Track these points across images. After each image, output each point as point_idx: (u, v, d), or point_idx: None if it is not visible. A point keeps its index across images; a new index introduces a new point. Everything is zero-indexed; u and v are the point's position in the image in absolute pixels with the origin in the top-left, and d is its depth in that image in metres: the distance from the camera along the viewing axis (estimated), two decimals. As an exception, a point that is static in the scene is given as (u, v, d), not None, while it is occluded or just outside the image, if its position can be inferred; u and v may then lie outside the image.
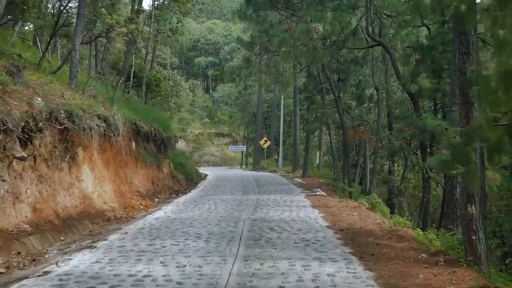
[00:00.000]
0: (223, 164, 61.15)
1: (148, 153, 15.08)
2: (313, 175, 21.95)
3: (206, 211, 10.26)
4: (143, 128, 14.63)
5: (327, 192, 15.23)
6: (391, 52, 15.86)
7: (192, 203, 11.96)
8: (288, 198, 12.78)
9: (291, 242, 6.73)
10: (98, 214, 9.58)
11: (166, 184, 15.66)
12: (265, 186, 16.95)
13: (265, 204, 11.56)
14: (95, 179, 10.33)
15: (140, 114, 15.15)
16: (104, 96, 13.75)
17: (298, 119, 29.50)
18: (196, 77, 79.32)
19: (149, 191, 13.92)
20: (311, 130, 20.70)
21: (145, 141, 15.27)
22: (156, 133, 15.86)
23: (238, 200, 12.40)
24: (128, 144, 13.43)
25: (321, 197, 13.31)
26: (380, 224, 8.35)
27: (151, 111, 16.96)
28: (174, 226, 8.25)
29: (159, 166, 15.91)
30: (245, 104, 51.69)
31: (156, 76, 24.80)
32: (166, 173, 16.67)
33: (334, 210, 10.24)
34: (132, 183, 12.93)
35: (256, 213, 9.92)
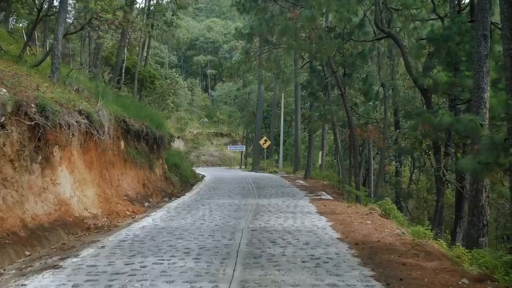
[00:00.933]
0: (222, 164, 60.08)
1: (139, 153, 13.94)
2: (316, 177, 20.80)
3: (200, 219, 9.10)
4: (133, 126, 13.49)
5: (333, 195, 14.08)
6: (401, 45, 14.72)
7: (185, 208, 10.80)
8: (291, 203, 11.63)
9: (298, 260, 5.58)
10: (76, 223, 8.42)
11: (159, 186, 14.51)
12: (265, 189, 15.80)
13: (265, 210, 10.41)
14: (74, 182, 9.17)
15: (130, 111, 14.01)
16: (92, 92, 12.65)
17: (300, 117, 28.36)
18: (195, 76, 78.21)
19: (139, 195, 12.77)
20: (314, 129, 19.55)
21: (136, 140, 14.13)
22: (148, 131, 14.72)
23: (236, 205, 11.25)
24: (116, 143, 12.28)
25: (327, 201, 12.15)
26: (400, 236, 7.20)
27: (143, 108, 15.81)
28: (161, 238, 7.09)
29: (151, 167, 14.76)
30: (244, 103, 50.56)
31: (151, 73, 23.63)
32: (159, 174, 15.51)
33: (343, 217, 9.08)
34: (119, 186, 11.78)
35: (255, 221, 8.77)
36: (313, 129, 19.29)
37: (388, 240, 6.81)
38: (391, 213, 9.78)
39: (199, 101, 70.54)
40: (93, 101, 11.49)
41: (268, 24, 13.89)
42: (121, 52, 21.25)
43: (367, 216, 9.12)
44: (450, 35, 12.38)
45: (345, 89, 13.81)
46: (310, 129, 19.56)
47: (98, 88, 13.48)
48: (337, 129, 17.25)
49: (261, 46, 16.68)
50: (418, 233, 7.90)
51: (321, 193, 14.34)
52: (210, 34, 79.98)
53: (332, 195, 14.15)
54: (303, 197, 13.18)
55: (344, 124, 16.71)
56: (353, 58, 15.69)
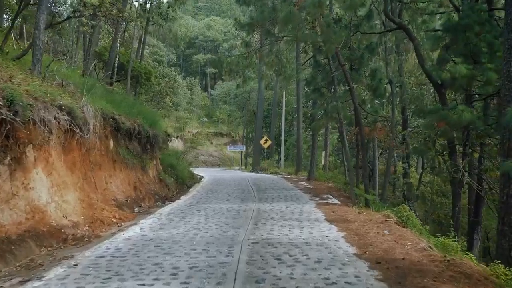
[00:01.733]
0: (221, 164, 59.12)
1: (130, 153, 12.88)
2: (320, 178, 19.73)
3: (194, 228, 8.04)
4: (124, 123, 12.43)
5: (340, 199, 13.02)
6: (413, 37, 13.66)
7: (179, 214, 9.74)
8: (295, 208, 10.56)
9: (311, 286, 4.52)
10: (51, 233, 7.35)
11: (152, 189, 13.44)
12: (267, 192, 14.74)
13: (267, 216, 9.35)
14: (52, 186, 8.10)
15: (121, 107, 12.94)
16: (79, 87, 11.63)
17: (301, 116, 27.29)
18: (195, 75, 77.19)
19: (129, 199, 11.70)
20: (317, 128, 18.48)
21: (127, 139, 13.08)
22: (141, 130, 13.66)
23: (235, 211, 10.18)
24: (104, 142, 11.23)
25: (335, 206, 11.09)
26: (427, 251, 6.14)
27: (135, 105, 14.75)
28: (146, 253, 6.04)
29: (144, 168, 13.69)
30: (244, 102, 49.51)
31: (147, 69, 22.56)
32: (153, 176, 14.45)
33: (356, 226, 8.02)
34: (107, 189, 10.71)
35: (257, 230, 7.71)
36: (316, 127, 18.22)
37: (415, 257, 5.74)
38: (409, 221, 8.71)
39: (198, 100, 69.61)
40: (78, 97, 10.43)
41: (271, 13, 12.85)
42: (114, 47, 20.20)
43: (383, 225, 8.05)
44: (469, 25, 11.31)
45: (353, 85, 12.74)
46: (314, 128, 18.50)
47: (86, 83, 12.49)
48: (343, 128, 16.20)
49: (262, 39, 15.61)
50: (445, 246, 6.86)
51: (327, 196, 13.28)
52: (210, 33, 78.91)
53: (339, 199, 13.09)
54: (308, 201, 12.11)
55: (351, 122, 15.65)
56: (360, 52, 14.64)
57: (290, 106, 41.15)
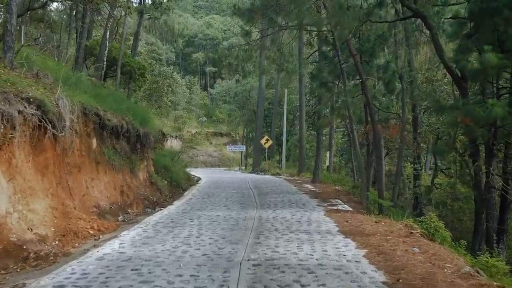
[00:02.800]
0: (221, 165, 57.90)
1: (117, 154, 11.59)
2: (326, 181, 18.41)
3: (183, 242, 6.73)
4: (109, 120, 11.14)
5: (351, 204, 11.70)
6: (431, 25, 12.33)
7: (168, 224, 8.43)
8: (302, 216, 9.25)
9: None
10: (8, 251, 6.04)
11: (141, 194, 12.13)
12: (269, 196, 13.44)
13: (271, 227, 8.04)
14: (15, 193, 6.80)
15: (107, 103, 11.65)
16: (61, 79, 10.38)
17: (304, 114, 25.96)
18: (194, 75, 75.90)
19: (114, 205, 10.40)
20: (323, 126, 17.15)
21: (114, 138, 11.78)
22: (130, 127, 12.37)
23: (233, 220, 8.88)
24: (86, 141, 9.93)
25: (347, 214, 9.78)
26: (474, 277, 4.84)
27: (124, 100, 13.44)
28: (118, 281, 4.73)
29: (133, 170, 12.39)
30: (244, 101, 48.22)
31: (140, 64, 21.24)
32: (143, 179, 13.14)
33: (378, 241, 6.71)
34: (87, 195, 9.40)
35: (259, 247, 6.40)
36: (322, 126, 16.90)
37: (464, 288, 4.44)
38: (437, 233, 7.40)
39: (197, 99, 68.36)
40: (57, 90, 9.16)
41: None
42: (105, 40, 18.92)
43: (410, 240, 6.74)
44: (498, 9, 10.01)
45: (365, 78, 11.44)
46: (319, 126, 17.15)
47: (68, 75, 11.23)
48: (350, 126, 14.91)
49: (263, 28, 14.32)
50: (489, 267, 5.56)
51: (335, 201, 11.97)
52: (209, 31, 77.53)
53: (349, 204, 11.77)
54: (315, 207, 10.80)
55: (360, 119, 14.34)
56: (371, 43, 13.34)
57: (292, 105, 39.82)
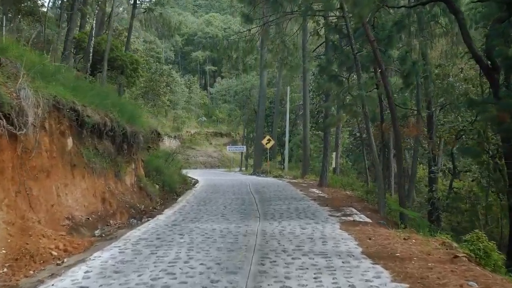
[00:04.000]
0: (221, 165, 56.47)
1: (99, 156, 10.08)
2: (334, 184, 16.89)
3: (166, 271, 5.21)
4: (90, 117, 9.64)
5: (366, 213, 10.18)
6: (457, 9, 10.81)
7: (152, 242, 6.92)
8: (314, 231, 7.73)
9: None
10: None
11: (127, 201, 10.61)
12: (272, 203, 11.94)
13: (277, 246, 6.53)
14: (-48, 207, 5.33)
15: (87, 96, 10.14)
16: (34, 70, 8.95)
17: (308, 112, 24.43)
18: (194, 74, 74.46)
19: (92, 216, 8.90)
20: (332, 124, 15.62)
21: (96, 137, 10.28)
22: (114, 126, 10.86)
23: (231, 235, 7.37)
24: (58, 141, 8.43)
25: (366, 226, 8.26)
26: None
27: (108, 95, 11.92)
28: None
29: (118, 174, 10.87)
30: (244, 100, 46.75)
31: (133, 58, 19.75)
32: (130, 183, 11.62)
33: (417, 268, 5.20)
34: (58, 205, 7.89)
35: (264, 279, 4.88)
36: (330, 125, 15.36)
37: None
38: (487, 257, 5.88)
39: (197, 99, 66.98)
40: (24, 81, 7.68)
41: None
42: (92, 31, 17.46)
43: (458, 267, 5.23)
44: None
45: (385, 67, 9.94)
46: (328, 125, 15.61)
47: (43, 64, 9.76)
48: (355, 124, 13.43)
49: (265, 15, 12.84)
50: None
51: (349, 210, 10.46)
52: (209, 29, 76.01)
53: (365, 213, 10.25)
54: (328, 218, 9.28)
55: (374, 116, 12.83)
56: (388, 30, 11.84)
57: (293, 104, 38.31)
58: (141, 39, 63.16)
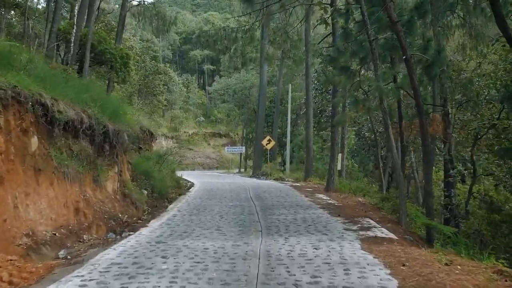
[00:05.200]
0: (219, 167, 55.11)
1: (73, 158, 8.61)
2: (342, 189, 15.38)
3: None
4: (61, 113, 8.17)
5: (386, 225, 8.68)
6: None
7: (126, 269, 5.42)
8: (331, 253, 6.22)
9: None
10: None
11: (107, 211, 9.10)
12: (276, 211, 10.45)
13: (288, 278, 5.02)
14: None
15: (59, 88, 8.67)
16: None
17: (312, 110, 22.94)
18: (192, 73, 73.08)
19: (61, 230, 7.40)
20: (341, 123, 14.09)
21: (71, 136, 8.80)
22: (93, 123, 9.38)
23: (227, 259, 5.87)
24: (19, 140, 6.93)
25: (393, 245, 6.76)
26: None
27: (88, 88, 10.41)
28: None
29: (97, 179, 9.36)
30: (244, 99, 45.32)
31: (123, 51, 18.24)
32: (113, 190, 10.10)
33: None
34: (15, 218, 6.39)
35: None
36: (340, 123, 13.83)
37: None
38: None
39: (195, 98, 65.64)
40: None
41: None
42: (80, 23, 15.96)
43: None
44: None
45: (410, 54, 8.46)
46: (337, 123, 14.07)
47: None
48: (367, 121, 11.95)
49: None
50: None
51: (366, 221, 8.97)
52: (208, 27, 74.38)
53: (384, 225, 8.75)
54: (343, 232, 7.78)
55: (392, 113, 11.33)
56: (407, 16, 10.39)
57: (295, 103, 36.85)
58: (137, 37, 61.81)
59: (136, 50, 39.37)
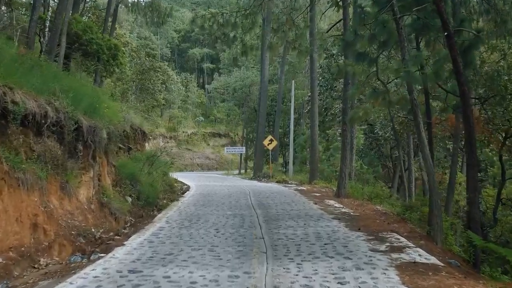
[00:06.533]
0: (219, 168, 53.46)
1: (34, 160, 6.97)
2: (354, 194, 13.71)
3: None
4: (17, 104, 6.58)
5: (419, 242, 7.03)
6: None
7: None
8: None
9: None
10: None
11: (76, 225, 7.42)
12: (282, 223, 8.79)
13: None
14: None
15: (15, 75, 7.03)
16: None
17: (317, 108, 21.26)
18: (191, 72, 71.46)
19: (9, 254, 5.76)
20: (356, 119, 12.41)
21: (32, 133, 7.19)
22: (62, 117, 7.76)
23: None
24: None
25: (441, 275, 5.12)
26: None
27: (58, 76, 8.74)
28: None
29: (66, 186, 7.68)
30: (244, 97, 43.70)
31: (111, 42, 16.58)
32: (87, 198, 8.43)
33: None
34: None
35: None
36: (355, 119, 12.15)
37: None
38: None
39: (194, 98, 64.03)
40: None
41: None
42: (62, 9, 14.32)
43: None
44: None
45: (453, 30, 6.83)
46: (353, 119, 12.32)
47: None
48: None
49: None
50: None
51: (395, 238, 7.30)
52: (207, 25, 72.71)
53: (414, 241, 7.11)
54: (370, 255, 6.12)
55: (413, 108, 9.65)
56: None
57: (297, 102, 35.18)
58: (135, 34, 60.24)
59: (132, 46, 37.88)
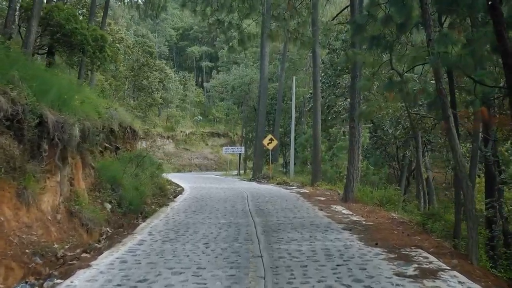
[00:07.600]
0: (218, 168, 52.24)
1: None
2: (363, 198, 12.40)
3: None
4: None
5: (452, 263, 5.75)
6: None
7: None
8: None
9: None
10: None
11: (33, 241, 6.09)
12: (284, 236, 7.48)
13: None
14: None
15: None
16: None
17: (320, 104, 19.95)
18: (190, 71, 70.27)
19: None
20: (368, 115, 11.00)
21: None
22: (20, 110, 6.45)
23: None
24: None
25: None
26: None
27: (18, 62, 7.41)
28: None
29: (24, 193, 6.36)
30: (243, 95, 42.40)
31: (97, 33, 15.24)
32: (52, 207, 7.09)
33: None
34: None
35: None
36: (365, 115, 10.80)
37: None
38: None
39: (192, 97, 62.80)
40: None
41: None
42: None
43: None
44: None
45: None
46: (366, 116, 10.91)
47: None
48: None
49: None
50: None
51: (423, 257, 5.98)
52: (206, 23, 71.56)
53: (447, 260, 5.83)
54: (394, 281, 4.77)
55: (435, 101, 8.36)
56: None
57: (298, 100, 33.89)
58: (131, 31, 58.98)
59: (127, 43, 36.73)
